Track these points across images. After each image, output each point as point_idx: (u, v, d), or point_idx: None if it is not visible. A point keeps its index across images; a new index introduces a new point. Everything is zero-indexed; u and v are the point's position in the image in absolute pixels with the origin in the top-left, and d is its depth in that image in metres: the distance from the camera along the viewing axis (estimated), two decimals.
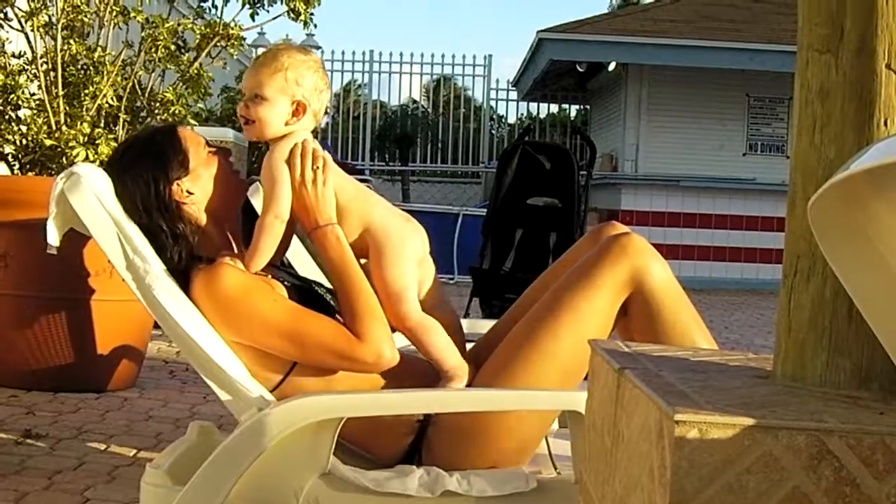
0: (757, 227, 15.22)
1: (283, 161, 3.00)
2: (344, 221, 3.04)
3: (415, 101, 23.62)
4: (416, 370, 3.07)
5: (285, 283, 3.04)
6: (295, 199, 2.99)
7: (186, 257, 3.02)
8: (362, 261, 3.05)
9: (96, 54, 5.61)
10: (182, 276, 2.99)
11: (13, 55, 5.64)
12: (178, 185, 3.03)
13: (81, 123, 5.38)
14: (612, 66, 17.30)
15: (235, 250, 3.08)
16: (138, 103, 5.76)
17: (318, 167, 3.02)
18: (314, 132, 3.18)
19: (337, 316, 3.00)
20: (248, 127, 3.06)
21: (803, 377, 1.83)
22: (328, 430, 2.75)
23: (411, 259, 3.12)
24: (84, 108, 5.49)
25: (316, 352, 2.92)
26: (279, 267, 3.17)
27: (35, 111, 5.56)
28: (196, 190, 3.05)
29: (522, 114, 22.48)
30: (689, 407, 1.53)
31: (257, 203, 3.58)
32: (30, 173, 5.44)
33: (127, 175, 3.04)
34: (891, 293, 1.61)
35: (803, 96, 1.86)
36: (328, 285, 3.16)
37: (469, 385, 3.07)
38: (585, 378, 2.89)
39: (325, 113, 3.14)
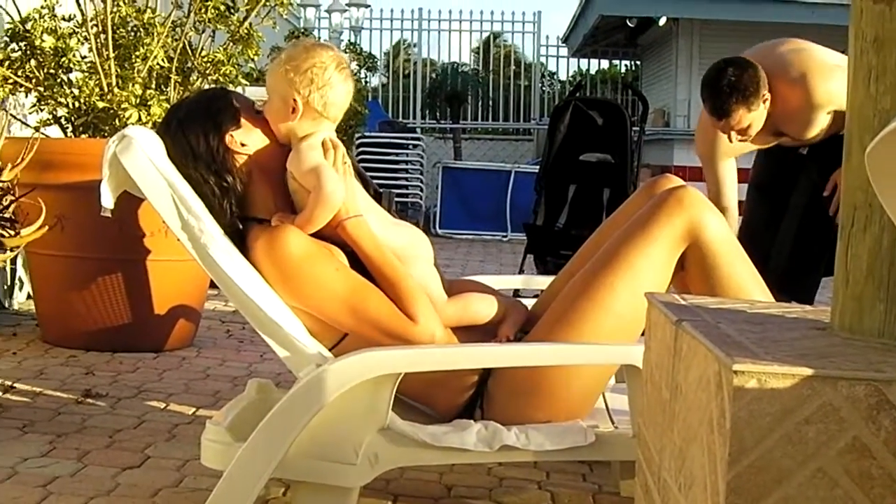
0: None
1: (318, 151, 3.00)
2: None
3: (467, 56, 23.60)
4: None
5: (342, 245, 3.05)
6: None
7: (239, 214, 3.03)
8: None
9: (146, 16, 5.62)
10: (238, 237, 3.00)
11: (63, 18, 5.65)
12: (231, 135, 3.04)
13: (133, 85, 5.39)
14: (662, 21, 17.14)
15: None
16: (189, 64, 5.77)
17: (346, 162, 3.02)
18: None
19: None
20: None
21: (861, 328, 1.82)
22: (387, 386, 2.77)
23: (429, 261, 3.13)
24: (135, 70, 5.50)
25: (369, 327, 2.93)
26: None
27: (86, 74, 5.58)
28: (249, 143, 3.06)
29: (574, 70, 22.38)
30: (747, 357, 1.53)
31: None
32: (83, 136, 5.46)
33: (181, 127, 3.06)
34: None
35: (858, 46, 1.85)
36: None
37: (526, 339, 3.08)
38: (643, 334, 2.90)
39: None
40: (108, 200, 3.04)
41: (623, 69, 22.60)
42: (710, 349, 1.60)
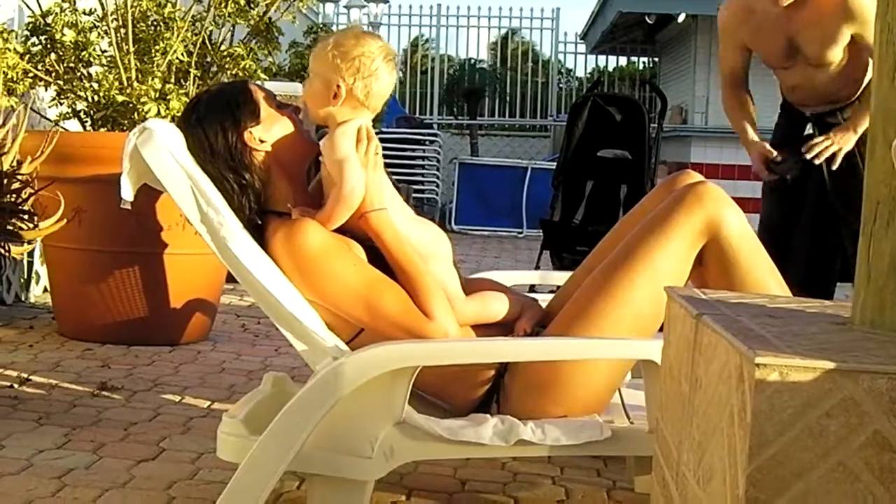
0: None
1: (351, 140, 2.99)
2: None
3: (484, 52, 23.59)
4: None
5: (364, 243, 3.05)
6: None
7: (258, 209, 3.04)
8: None
9: (166, 10, 5.62)
10: (257, 230, 3.01)
11: (84, 12, 5.66)
12: (249, 132, 3.04)
13: (152, 79, 5.40)
14: (681, 18, 17.11)
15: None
16: (208, 58, 5.78)
17: (378, 153, 3.02)
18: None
19: None
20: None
21: (882, 323, 1.81)
22: (403, 379, 2.76)
23: (448, 260, 3.13)
24: (155, 64, 5.51)
25: (384, 323, 2.93)
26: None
27: (106, 68, 5.59)
28: (267, 139, 3.06)
29: (591, 67, 22.35)
30: (769, 351, 1.52)
31: None
32: (102, 129, 5.47)
33: (199, 123, 3.06)
34: None
35: (884, 39, 1.83)
36: None
37: (544, 334, 3.07)
38: (660, 329, 2.89)
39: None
40: (127, 193, 3.04)
41: (641, 66, 22.57)
42: (732, 342, 1.59)
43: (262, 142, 3.05)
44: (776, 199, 5.13)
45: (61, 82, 5.54)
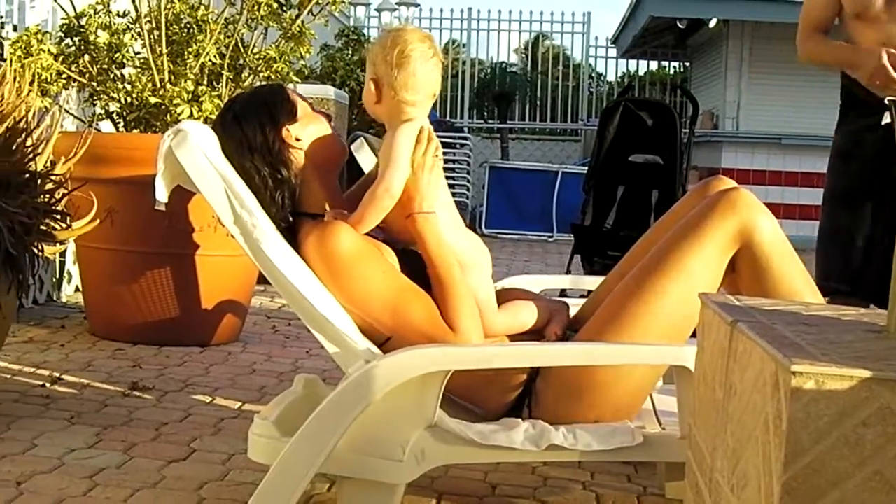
0: None
1: (411, 141, 3.00)
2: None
3: (516, 54, 23.57)
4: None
5: (394, 246, 3.05)
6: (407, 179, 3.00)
7: (291, 209, 3.05)
8: None
9: (199, 13, 5.64)
10: (289, 232, 3.01)
11: (118, 14, 5.68)
12: (287, 129, 3.05)
13: (185, 81, 5.42)
14: (713, 23, 17.06)
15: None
16: (241, 61, 5.79)
17: (437, 156, 3.02)
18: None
19: None
20: None
21: None
22: (435, 383, 2.76)
23: (487, 272, 3.13)
24: (187, 67, 5.53)
25: (409, 331, 2.93)
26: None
27: (139, 69, 5.61)
28: (303, 138, 3.07)
29: (622, 72, 22.32)
30: (805, 359, 1.51)
31: (361, 159, 3.60)
32: (134, 130, 5.49)
33: (237, 120, 3.08)
34: None
35: None
36: None
37: (576, 339, 3.07)
38: (692, 335, 2.88)
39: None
40: (162, 194, 3.05)
41: (672, 71, 22.52)
42: (767, 350, 1.59)
43: (298, 140, 3.07)
44: (840, 204, 4.60)
45: (95, 84, 5.56)
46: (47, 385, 4.34)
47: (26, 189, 3.85)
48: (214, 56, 5.59)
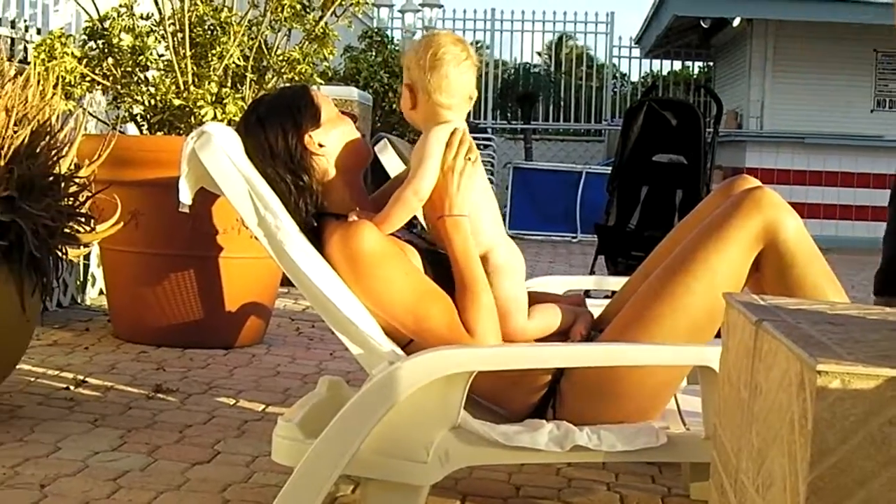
0: (884, 185, 14.90)
1: (442, 143, 3.00)
2: (472, 230, 3.03)
3: (539, 56, 23.56)
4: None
5: (419, 247, 3.05)
6: (437, 182, 2.99)
7: (315, 212, 3.05)
8: None
9: (223, 15, 5.65)
10: (313, 234, 3.01)
11: (141, 17, 5.70)
12: (309, 135, 3.05)
13: (209, 83, 5.42)
14: (736, 22, 17.05)
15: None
16: (264, 63, 5.79)
17: (470, 158, 3.01)
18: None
19: None
20: None
21: None
22: (459, 384, 2.76)
23: (522, 277, 3.12)
24: (211, 69, 5.53)
25: (427, 334, 2.93)
26: (411, 230, 3.18)
27: (163, 72, 5.62)
28: (326, 143, 3.07)
29: (645, 72, 22.30)
30: (830, 358, 1.50)
31: (385, 160, 3.60)
32: (158, 133, 5.50)
33: (260, 125, 3.08)
34: None
35: None
36: None
37: (600, 339, 3.06)
38: (717, 335, 2.87)
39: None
40: (185, 196, 3.06)
41: (695, 71, 22.49)
42: (793, 349, 1.57)
43: (321, 146, 3.07)
44: None
45: (118, 86, 5.57)
46: (71, 388, 4.36)
47: (50, 192, 3.86)
48: (238, 58, 5.60)
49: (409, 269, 2.96)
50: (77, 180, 4.04)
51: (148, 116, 5.57)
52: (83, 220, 4.03)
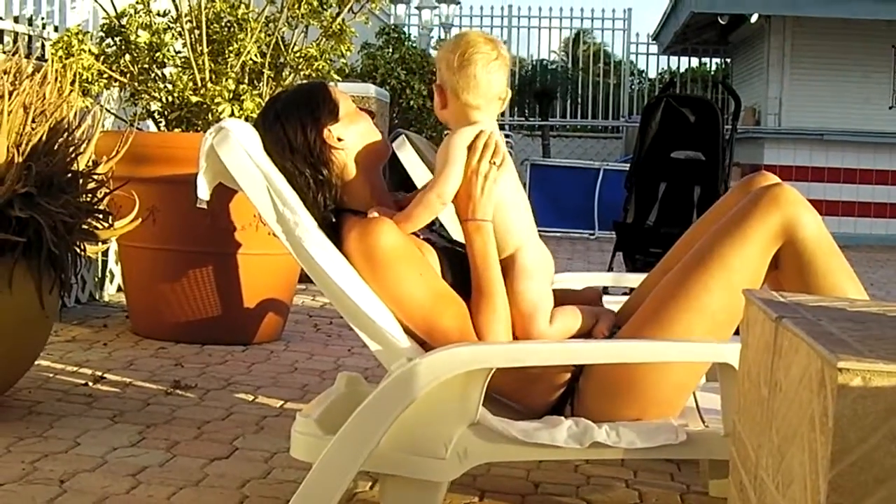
0: None
1: (465, 145, 2.99)
2: (500, 229, 3.02)
3: (555, 53, 23.54)
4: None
5: (436, 245, 3.05)
6: (462, 184, 2.98)
7: (333, 207, 3.04)
8: None
9: (240, 11, 5.65)
10: (332, 230, 3.01)
11: (158, 14, 5.70)
12: (328, 130, 3.05)
13: (226, 80, 5.43)
14: (754, 18, 16.98)
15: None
16: (281, 59, 5.80)
17: (496, 162, 3.00)
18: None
19: None
20: None
21: None
22: (478, 381, 2.75)
23: (549, 281, 3.11)
24: (228, 65, 5.53)
25: (437, 336, 2.92)
26: (431, 228, 3.17)
27: (180, 69, 5.63)
28: (345, 137, 3.07)
29: (662, 68, 22.27)
30: (851, 355, 1.50)
31: (403, 156, 3.60)
32: (176, 130, 5.51)
33: (279, 119, 3.07)
34: None
35: None
36: None
37: (618, 336, 3.05)
38: (735, 332, 2.86)
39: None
40: (204, 192, 3.05)
41: (713, 67, 22.45)
42: (813, 346, 1.57)
43: (340, 140, 3.06)
44: None
45: (136, 83, 5.58)
46: (90, 384, 4.36)
47: (68, 189, 3.87)
48: (255, 55, 5.61)
49: (424, 270, 2.95)
50: (95, 177, 4.04)
51: (165, 113, 5.57)
52: (101, 216, 4.04)
